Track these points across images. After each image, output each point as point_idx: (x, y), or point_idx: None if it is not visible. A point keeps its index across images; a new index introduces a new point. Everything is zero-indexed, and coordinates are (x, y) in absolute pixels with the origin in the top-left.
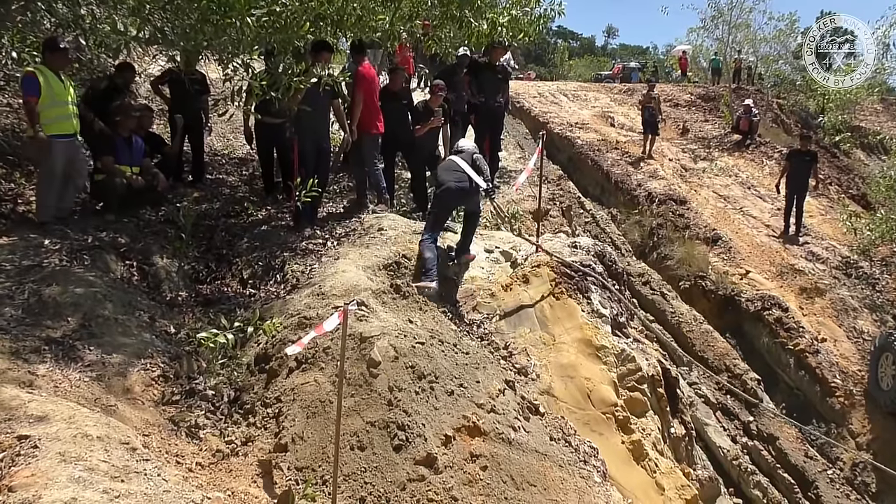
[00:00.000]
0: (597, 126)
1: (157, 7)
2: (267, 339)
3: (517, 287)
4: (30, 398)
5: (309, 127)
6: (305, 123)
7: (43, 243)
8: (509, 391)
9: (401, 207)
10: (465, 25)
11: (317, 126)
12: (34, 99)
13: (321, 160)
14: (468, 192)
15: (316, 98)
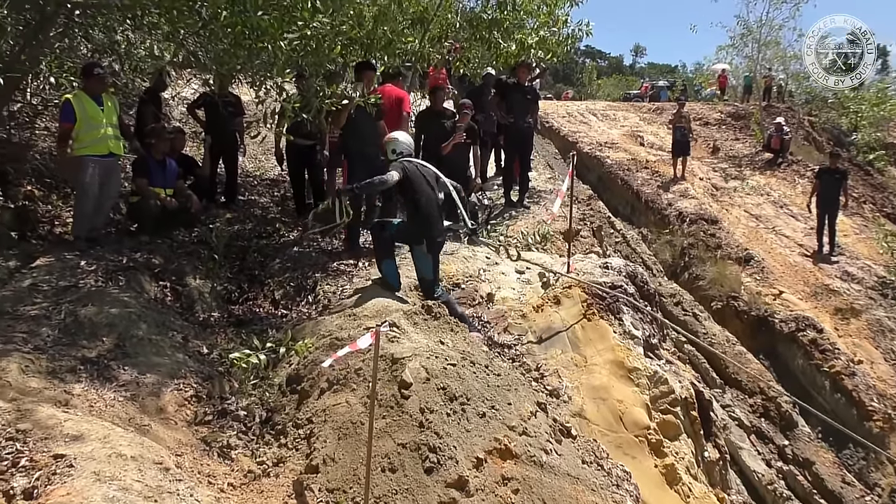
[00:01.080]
0: (626, 145)
1: (190, 32)
2: (299, 360)
3: (548, 308)
4: (66, 417)
5: (359, 148)
6: (355, 144)
7: (79, 264)
8: (541, 413)
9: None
10: (494, 46)
11: (367, 147)
12: (69, 125)
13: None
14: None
15: (366, 119)
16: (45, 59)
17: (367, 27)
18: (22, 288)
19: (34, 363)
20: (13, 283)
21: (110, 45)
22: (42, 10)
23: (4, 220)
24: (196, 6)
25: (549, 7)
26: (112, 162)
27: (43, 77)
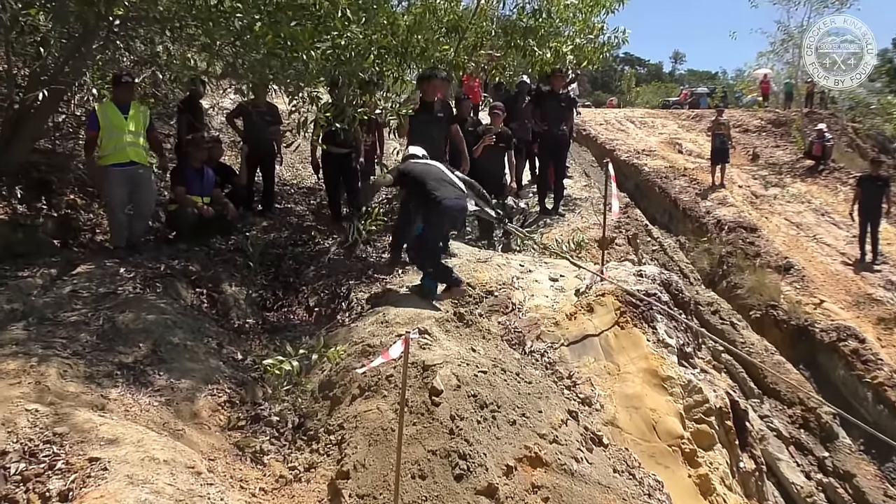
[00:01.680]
0: (664, 153)
1: (226, 43)
2: (331, 367)
3: (581, 316)
4: (101, 421)
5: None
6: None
7: (118, 271)
8: (572, 421)
9: (465, 235)
10: (529, 54)
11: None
12: (93, 133)
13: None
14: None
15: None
16: (87, 70)
17: (401, 36)
18: (62, 294)
19: (72, 368)
20: (54, 289)
21: (150, 56)
22: (85, 22)
23: (47, 229)
24: (231, 17)
25: (585, 15)
26: (135, 170)
27: (86, 89)
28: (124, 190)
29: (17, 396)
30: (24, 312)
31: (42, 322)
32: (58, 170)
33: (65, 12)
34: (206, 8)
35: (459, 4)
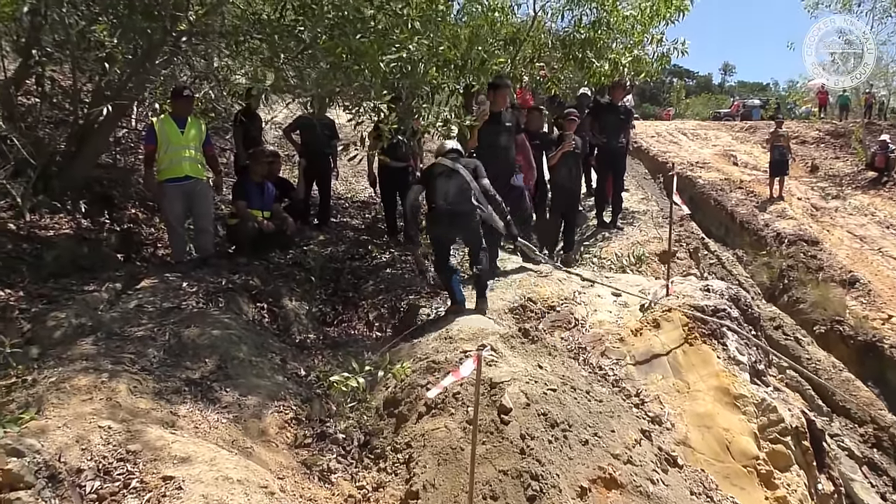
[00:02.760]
0: (719, 165)
1: (290, 56)
2: (396, 383)
3: (647, 332)
4: (173, 439)
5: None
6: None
7: (181, 286)
8: (646, 441)
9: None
10: (587, 66)
11: (500, 164)
12: (151, 147)
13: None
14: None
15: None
16: (149, 86)
17: (462, 48)
18: (128, 309)
19: (142, 384)
20: (120, 304)
21: (210, 71)
22: (149, 38)
23: (111, 243)
24: (296, 31)
25: (644, 25)
26: (192, 184)
27: (147, 104)
28: (181, 204)
29: (90, 413)
30: (93, 327)
31: (110, 337)
32: (120, 184)
33: (130, 27)
34: (270, 22)
35: (516, 17)
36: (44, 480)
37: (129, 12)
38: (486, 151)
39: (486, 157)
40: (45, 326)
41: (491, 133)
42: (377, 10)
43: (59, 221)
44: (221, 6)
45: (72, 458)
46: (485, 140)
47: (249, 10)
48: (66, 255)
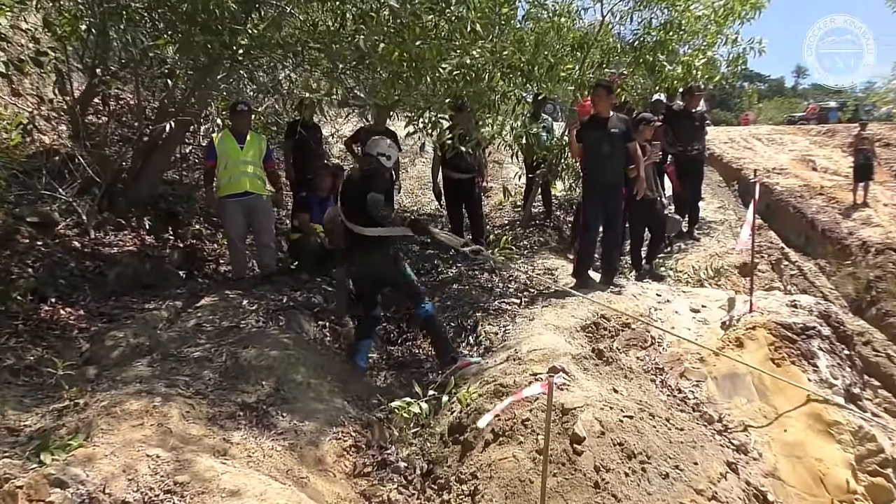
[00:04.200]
0: (797, 171)
1: (349, 66)
2: (461, 408)
3: (730, 351)
4: (223, 469)
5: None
6: (594, 169)
7: (241, 303)
8: (732, 475)
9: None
10: (659, 70)
11: (604, 174)
12: (211, 164)
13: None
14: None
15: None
16: (212, 101)
17: (528, 54)
18: (187, 328)
19: (195, 408)
20: (179, 322)
21: (273, 84)
22: (209, 53)
23: (173, 260)
24: (355, 40)
25: (718, 25)
26: (252, 199)
27: (210, 119)
28: (241, 220)
29: (139, 440)
30: (150, 347)
31: (166, 358)
32: (184, 200)
33: (191, 43)
34: (329, 32)
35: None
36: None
37: (188, 27)
38: (589, 159)
39: (589, 165)
40: (103, 346)
41: (593, 139)
42: (437, 15)
43: (123, 238)
44: (282, 19)
45: (117, 490)
46: (587, 147)
47: (308, 21)
48: (128, 273)
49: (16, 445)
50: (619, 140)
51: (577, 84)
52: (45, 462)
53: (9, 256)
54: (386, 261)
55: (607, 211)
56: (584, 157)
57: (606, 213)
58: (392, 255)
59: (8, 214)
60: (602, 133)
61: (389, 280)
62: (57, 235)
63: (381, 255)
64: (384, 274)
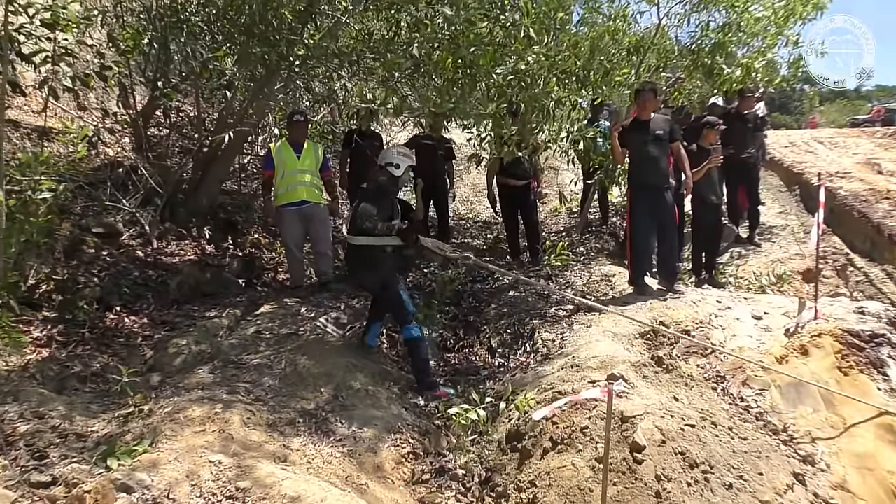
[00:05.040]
0: (862, 174)
1: (404, 74)
2: (519, 416)
3: (794, 359)
4: (284, 476)
5: (644, 176)
6: (640, 172)
7: (300, 311)
8: (798, 486)
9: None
10: (717, 74)
11: (651, 177)
12: (269, 173)
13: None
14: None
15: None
16: (269, 111)
17: (584, 58)
18: (247, 336)
19: (255, 415)
20: (239, 330)
21: (329, 94)
22: (266, 64)
23: (233, 269)
24: (410, 48)
25: (779, 27)
26: (309, 208)
27: (268, 129)
28: (299, 229)
29: (202, 446)
30: (211, 354)
31: (227, 365)
32: (243, 210)
33: (249, 55)
34: (384, 40)
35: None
36: None
37: (246, 39)
38: (635, 162)
39: (635, 168)
40: (166, 353)
41: (639, 142)
42: (491, 21)
43: (184, 248)
44: (337, 29)
45: (181, 495)
46: (632, 150)
47: (363, 30)
48: (189, 282)
49: (83, 451)
50: (664, 141)
51: (634, 89)
52: (112, 467)
53: (76, 266)
54: (372, 272)
55: (658, 214)
56: (630, 160)
57: (658, 216)
58: (378, 267)
59: (74, 225)
60: (647, 135)
61: (373, 291)
62: (121, 245)
63: (367, 266)
64: (368, 285)
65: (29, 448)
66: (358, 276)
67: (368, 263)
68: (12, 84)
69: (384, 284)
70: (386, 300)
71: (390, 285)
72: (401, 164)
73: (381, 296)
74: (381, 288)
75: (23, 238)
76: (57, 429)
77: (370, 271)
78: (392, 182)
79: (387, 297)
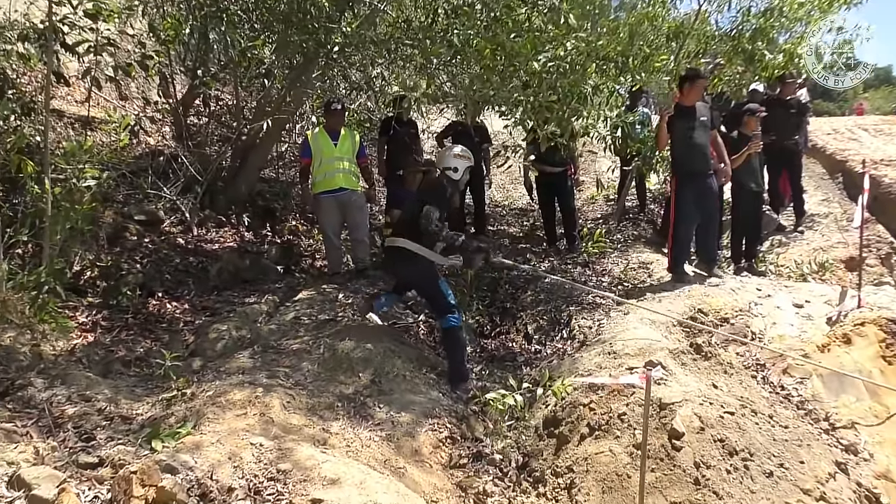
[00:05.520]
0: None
1: (442, 62)
2: (556, 401)
3: (836, 348)
4: (324, 458)
5: (691, 163)
6: (688, 159)
7: (338, 297)
8: (841, 475)
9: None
10: (758, 60)
11: (697, 163)
12: (307, 161)
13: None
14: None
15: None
16: (307, 99)
17: (623, 43)
18: (286, 321)
19: (295, 399)
20: (278, 316)
21: (366, 81)
22: (304, 52)
23: (271, 255)
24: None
25: (822, 12)
26: (346, 195)
27: (306, 117)
28: (337, 216)
29: (243, 429)
30: (251, 340)
31: (266, 350)
32: (281, 197)
33: (287, 43)
34: (422, 28)
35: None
36: (195, 499)
37: (285, 27)
38: (681, 149)
39: (682, 155)
40: (207, 338)
41: (684, 129)
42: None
43: (223, 235)
44: (375, 16)
45: (223, 477)
46: (677, 136)
47: (401, 17)
48: (228, 268)
49: (129, 433)
50: (708, 128)
51: (673, 75)
52: (157, 449)
53: (119, 253)
54: (411, 266)
55: (703, 201)
56: (675, 147)
57: (702, 203)
58: (418, 261)
59: (117, 213)
60: (693, 122)
61: (412, 284)
62: (162, 233)
63: (406, 259)
64: (407, 278)
65: (77, 430)
66: (395, 268)
67: (409, 257)
68: (57, 74)
69: (424, 277)
70: (425, 293)
71: (430, 277)
72: (459, 168)
73: (419, 288)
74: (421, 281)
75: (68, 225)
76: (103, 411)
77: (409, 265)
78: (453, 186)
79: (426, 289)
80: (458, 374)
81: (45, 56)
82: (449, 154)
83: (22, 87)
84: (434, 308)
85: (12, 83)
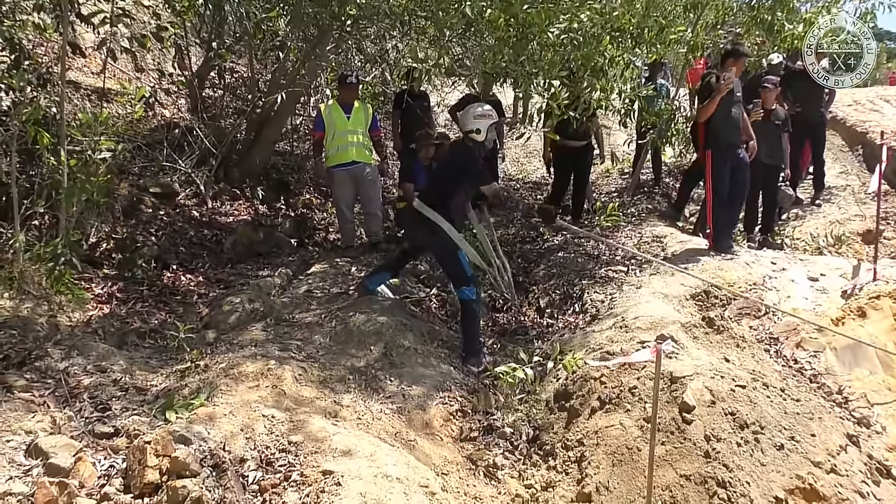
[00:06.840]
0: None
1: (455, 33)
2: (567, 375)
3: (851, 322)
4: (335, 430)
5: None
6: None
7: (350, 270)
8: (853, 448)
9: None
10: (778, 30)
11: (736, 136)
12: (319, 134)
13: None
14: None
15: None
16: (322, 72)
17: (638, 15)
18: (298, 294)
19: (307, 372)
20: (291, 289)
21: (381, 54)
22: (319, 24)
23: (285, 229)
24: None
25: None
26: (359, 168)
27: (320, 90)
28: (350, 189)
29: (255, 401)
30: (264, 312)
31: (279, 323)
32: (295, 171)
33: (301, 15)
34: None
35: None
36: (208, 469)
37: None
38: (724, 124)
39: (722, 128)
40: (221, 311)
41: (724, 103)
42: None
43: (237, 208)
44: None
45: (236, 448)
46: (718, 110)
47: None
48: (242, 241)
49: (143, 403)
50: (741, 103)
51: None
52: (171, 420)
53: (134, 225)
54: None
55: (736, 174)
56: (714, 121)
57: (737, 174)
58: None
59: (133, 185)
60: (732, 96)
61: (431, 251)
62: (177, 205)
63: (426, 227)
64: (427, 245)
65: (92, 400)
66: (415, 235)
67: (432, 227)
68: (72, 45)
69: (443, 247)
70: (444, 262)
71: (450, 246)
72: (482, 129)
73: (439, 257)
74: (441, 249)
75: (84, 197)
76: (118, 382)
77: (430, 232)
78: (479, 147)
79: (445, 258)
80: (472, 349)
81: (60, 26)
82: (468, 117)
83: (38, 57)
84: (451, 278)
85: (28, 54)
